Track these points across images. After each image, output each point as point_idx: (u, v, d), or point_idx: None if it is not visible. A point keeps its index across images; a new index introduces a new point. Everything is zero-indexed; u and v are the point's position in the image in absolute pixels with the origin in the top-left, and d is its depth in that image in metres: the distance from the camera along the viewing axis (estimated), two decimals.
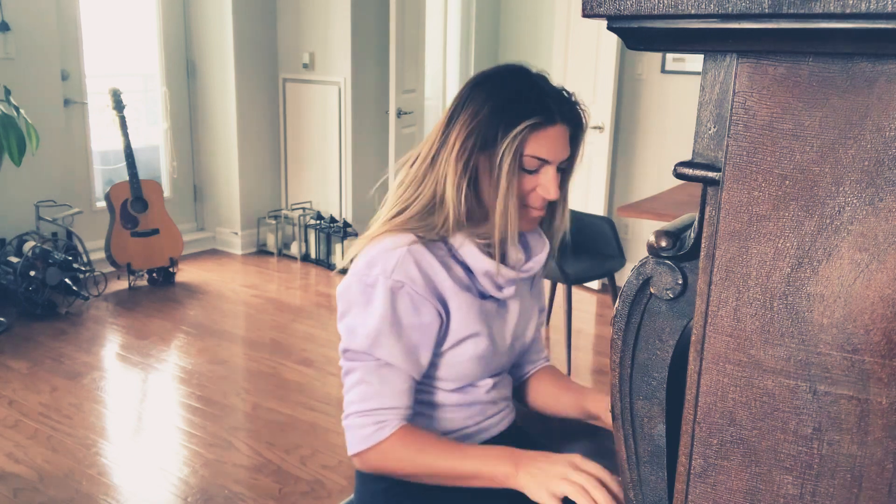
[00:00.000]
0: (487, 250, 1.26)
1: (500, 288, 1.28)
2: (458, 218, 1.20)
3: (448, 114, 1.23)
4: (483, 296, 1.28)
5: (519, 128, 1.16)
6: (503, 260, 1.29)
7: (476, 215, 1.24)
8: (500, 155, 1.17)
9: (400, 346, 1.19)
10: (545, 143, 1.19)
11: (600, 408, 1.36)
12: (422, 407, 1.31)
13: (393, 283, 1.17)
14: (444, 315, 1.23)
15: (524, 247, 1.35)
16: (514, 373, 1.49)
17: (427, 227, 1.22)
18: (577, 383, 1.47)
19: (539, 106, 1.18)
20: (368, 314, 1.18)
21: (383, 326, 1.17)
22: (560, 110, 1.20)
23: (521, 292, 1.36)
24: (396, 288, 1.17)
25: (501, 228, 1.21)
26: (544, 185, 1.22)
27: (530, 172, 1.21)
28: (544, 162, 1.20)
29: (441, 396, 1.30)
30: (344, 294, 1.23)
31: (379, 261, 1.19)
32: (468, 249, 1.23)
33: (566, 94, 1.23)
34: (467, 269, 1.25)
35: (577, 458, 1.11)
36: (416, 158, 1.26)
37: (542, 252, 1.34)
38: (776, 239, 0.56)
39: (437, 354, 1.26)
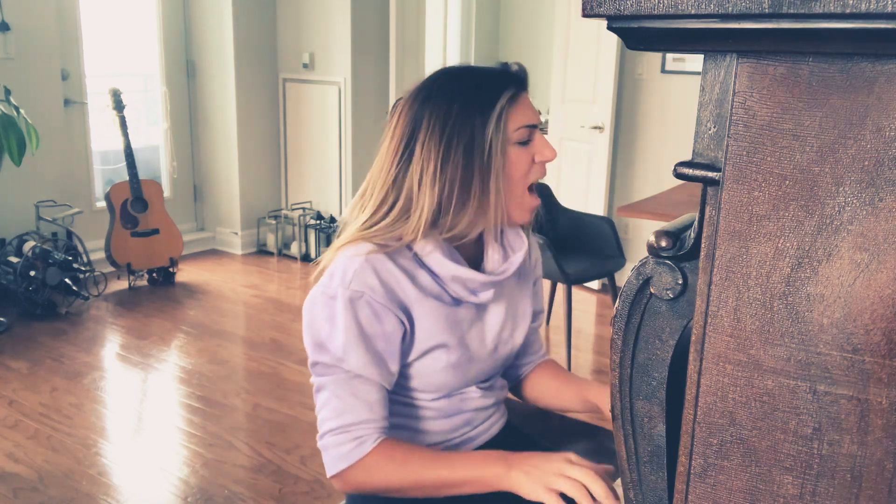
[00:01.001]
0: (454, 256, 1.22)
1: (474, 292, 1.24)
2: (428, 223, 1.17)
3: (400, 134, 1.19)
4: (457, 301, 1.24)
5: (498, 107, 1.15)
6: (478, 265, 1.28)
7: (446, 218, 1.19)
8: (488, 143, 1.15)
9: (368, 356, 1.16)
10: (524, 109, 1.19)
11: (602, 399, 1.33)
12: (404, 419, 1.28)
13: (352, 293, 1.15)
14: (407, 325, 1.19)
15: (503, 247, 1.31)
16: (510, 373, 1.47)
17: (394, 237, 1.19)
18: (577, 376, 1.44)
19: (501, 81, 1.18)
20: (333, 327, 1.16)
21: (349, 338, 1.15)
22: (517, 76, 1.20)
23: (508, 294, 1.32)
24: (355, 298, 1.15)
25: (498, 215, 1.19)
26: (540, 150, 1.20)
27: (524, 144, 1.19)
28: (532, 128, 1.20)
29: (422, 406, 1.27)
30: (308, 307, 1.20)
31: (338, 272, 1.17)
32: (434, 257, 1.20)
33: (502, 64, 1.23)
34: (435, 276, 1.22)
35: (572, 456, 1.09)
36: (374, 188, 1.22)
37: (519, 251, 1.30)
38: (776, 239, 0.56)
39: (405, 365, 1.23)
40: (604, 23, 0.58)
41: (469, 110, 1.16)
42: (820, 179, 0.54)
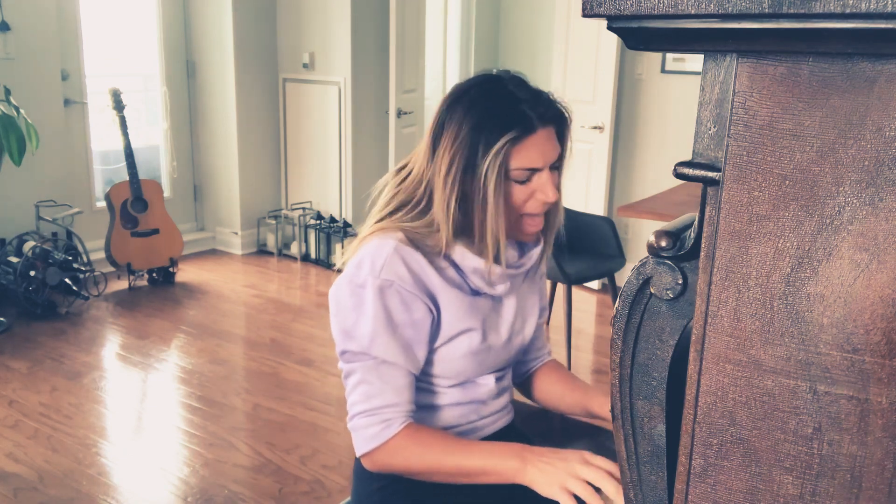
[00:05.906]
0: (476, 249, 1.26)
1: (492, 285, 1.28)
2: (450, 236, 1.21)
3: (431, 135, 1.22)
4: (476, 293, 1.28)
5: (498, 144, 1.15)
6: (496, 259, 1.30)
7: (468, 231, 1.24)
8: (483, 174, 1.16)
9: (395, 344, 1.19)
10: (530, 152, 1.17)
11: (605, 409, 1.36)
12: (417, 403, 1.30)
13: (381, 282, 1.18)
14: (434, 311, 1.23)
15: (518, 242, 1.35)
16: (517, 369, 1.49)
17: (421, 228, 1.23)
18: (581, 381, 1.46)
19: (515, 118, 1.16)
20: (361, 315, 1.19)
21: (377, 325, 1.18)
22: (539, 115, 1.17)
23: (518, 288, 1.36)
24: (385, 286, 1.18)
25: (493, 246, 1.21)
26: (541, 188, 1.20)
27: (522, 183, 1.20)
28: (534, 170, 1.19)
29: (438, 392, 1.30)
30: (335, 296, 1.23)
31: (367, 261, 1.20)
32: (457, 250, 1.24)
33: (544, 96, 1.20)
34: (457, 267, 1.26)
35: (586, 454, 1.11)
36: (406, 173, 1.27)
37: (535, 248, 1.34)
38: (776, 239, 0.56)
39: (431, 351, 1.26)
40: (604, 23, 0.58)
41: (476, 134, 1.17)
42: (820, 179, 0.54)
